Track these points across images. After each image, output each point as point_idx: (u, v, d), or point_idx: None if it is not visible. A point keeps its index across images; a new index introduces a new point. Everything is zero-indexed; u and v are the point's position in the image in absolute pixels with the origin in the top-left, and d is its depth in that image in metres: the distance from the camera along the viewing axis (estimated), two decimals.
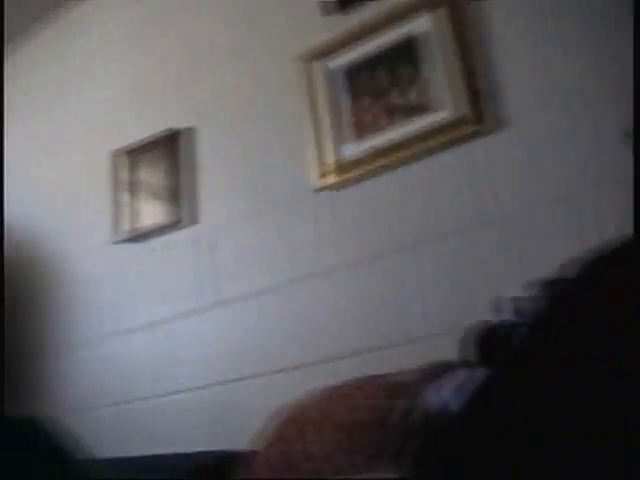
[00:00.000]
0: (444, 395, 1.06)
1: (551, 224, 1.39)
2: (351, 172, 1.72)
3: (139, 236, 2.09)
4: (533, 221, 1.45)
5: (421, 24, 1.72)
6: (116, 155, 2.20)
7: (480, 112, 1.55)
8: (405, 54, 1.72)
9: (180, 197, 2.05)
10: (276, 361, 1.73)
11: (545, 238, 1.41)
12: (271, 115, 1.93)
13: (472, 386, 0.92)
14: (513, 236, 1.46)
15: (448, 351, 1.27)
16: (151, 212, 2.08)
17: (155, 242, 2.07)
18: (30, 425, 0.76)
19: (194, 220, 2.03)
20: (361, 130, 1.73)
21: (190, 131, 2.10)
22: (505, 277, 1.40)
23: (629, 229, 0.65)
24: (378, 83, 1.74)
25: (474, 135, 1.55)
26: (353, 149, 1.73)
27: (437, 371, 1.24)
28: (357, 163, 1.71)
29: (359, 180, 1.72)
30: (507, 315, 1.16)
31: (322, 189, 1.76)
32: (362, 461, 1.06)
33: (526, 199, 1.47)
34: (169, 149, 2.09)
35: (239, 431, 1.70)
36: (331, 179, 1.74)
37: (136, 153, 2.16)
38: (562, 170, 1.42)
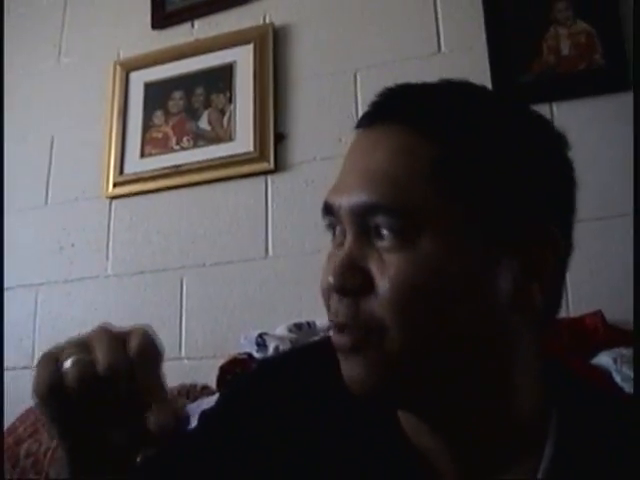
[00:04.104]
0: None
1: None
2: (142, 185, 1.80)
3: None
4: (305, 263, 1.57)
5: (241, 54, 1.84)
6: None
7: (269, 151, 1.66)
8: (221, 81, 1.81)
9: None
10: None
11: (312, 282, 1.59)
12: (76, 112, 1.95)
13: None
14: (282, 274, 1.58)
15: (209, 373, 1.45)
16: None
17: None
18: None
19: None
20: (156, 147, 1.81)
21: None
22: (270, 313, 1.52)
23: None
24: (189, 104, 1.83)
25: (262, 172, 1.67)
26: (152, 164, 1.81)
27: (193, 392, 1.44)
28: (149, 178, 1.80)
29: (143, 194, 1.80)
30: (253, 349, 1.38)
31: (110, 197, 1.82)
32: None
33: (302, 241, 1.59)
34: None
35: None
36: (121, 189, 1.81)
37: None
38: None
